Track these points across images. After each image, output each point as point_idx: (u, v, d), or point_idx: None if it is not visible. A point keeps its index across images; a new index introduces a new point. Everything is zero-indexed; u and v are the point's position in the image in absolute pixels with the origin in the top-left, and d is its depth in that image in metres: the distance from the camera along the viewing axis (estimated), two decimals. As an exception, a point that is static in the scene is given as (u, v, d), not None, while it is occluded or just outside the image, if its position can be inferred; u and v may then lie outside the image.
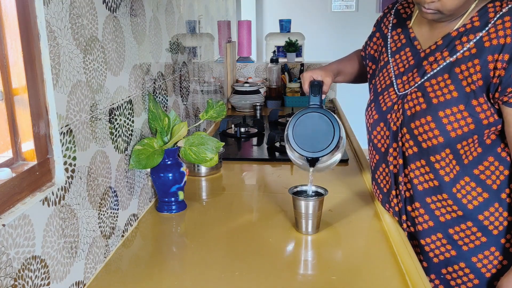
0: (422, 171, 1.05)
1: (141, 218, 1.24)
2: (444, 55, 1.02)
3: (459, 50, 1.00)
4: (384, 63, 1.19)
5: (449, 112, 0.98)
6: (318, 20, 4.52)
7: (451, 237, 1.07)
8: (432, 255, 1.10)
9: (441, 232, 1.07)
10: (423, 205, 1.08)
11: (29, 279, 0.73)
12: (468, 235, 1.05)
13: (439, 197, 1.05)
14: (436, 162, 1.03)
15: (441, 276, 1.10)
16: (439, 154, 1.01)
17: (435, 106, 1.00)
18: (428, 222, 1.08)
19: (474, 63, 0.97)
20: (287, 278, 0.97)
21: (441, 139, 1.00)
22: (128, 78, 1.13)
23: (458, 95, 0.98)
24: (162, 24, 1.40)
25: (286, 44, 3.13)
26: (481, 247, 1.05)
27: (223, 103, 1.36)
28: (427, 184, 1.06)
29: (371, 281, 0.96)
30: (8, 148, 0.77)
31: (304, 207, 1.12)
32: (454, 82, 0.99)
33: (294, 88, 2.78)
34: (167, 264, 1.02)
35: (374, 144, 1.17)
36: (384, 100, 1.13)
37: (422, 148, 1.03)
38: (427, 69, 1.05)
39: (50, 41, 0.77)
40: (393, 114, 1.09)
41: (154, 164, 1.17)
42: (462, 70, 0.98)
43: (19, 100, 0.75)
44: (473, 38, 0.98)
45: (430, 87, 1.03)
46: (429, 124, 1.01)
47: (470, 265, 1.07)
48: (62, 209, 0.83)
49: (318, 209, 1.13)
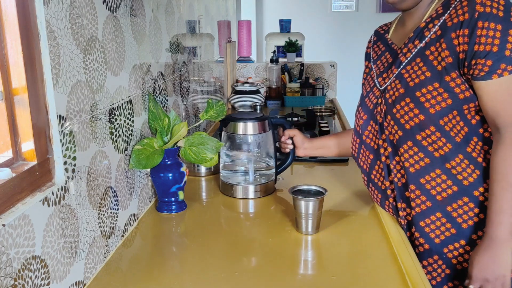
0: (410, 152, 1.09)
1: (141, 218, 1.24)
2: (415, 43, 1.10)
3: (427, 35, 1.08)
4: (368, 70, 1.28)
5: (425, 91, 1.05)
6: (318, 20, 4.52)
7: (450, 215, 1.08)
8: (433, 236, 1.11)
9: (439, 211, 1.09)
10: (418, 187, 1.10)
11: (29, 279, 0.73)
12: (466, 211, 1.07)
13: (432, 174, 1.08)
14: (423, 140, 1.07)
15: (443, 256, 1.11)
16: (424, 132, 1.06)
17: (412, 88, 1.07)
18: (426, 202, 1.10)
19: (440, 42, 1.04)
20: (287, 278, 0.97)
21: (421, 116, 1.05)
22: (128, 78, 1.13)
23: (431, 74, 1.05)
24: (162, 24, 1.40)
25: (286, 44, 3.13)
26: (480, 224, 1.06)
27: (223, 103, 1.36)
28: (418, 165, 1.09)
29: (371, 281, 0.96)
30: (8, 148, 0.77)
31: (304, 207, 1.12)
32: (426, 63, 1.06)
33: (294, 88, 2.78)
34: (167, 264, 1.02)
35: (367, 144, 1.22)
36: (370, 99, 1.20)
37: (406, 129, 1.08)
38: (402, 59, 1.12)
39: (50, 41, 0.77)
40: (378, 107, 1.16)
41: (154, 164, 1.17)
42: (432, 51, 1.06)
43: (19, 100, 0.75)
44: (437, 22, 1.06)
45: (406, 73, 1.10)
46: (408, 105, 1.07)
47: (471, 242, 1.07)
48: (62, 209, 0.83)
49: (318, 209, 1.13)
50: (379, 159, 1.19)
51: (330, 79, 3.00)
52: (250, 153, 1.43)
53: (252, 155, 1.43)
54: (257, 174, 1.42)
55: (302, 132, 2.04)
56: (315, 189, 1.18)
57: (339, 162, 1.69)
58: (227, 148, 1.41)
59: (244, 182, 1.40)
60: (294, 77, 2.91)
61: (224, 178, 1.42)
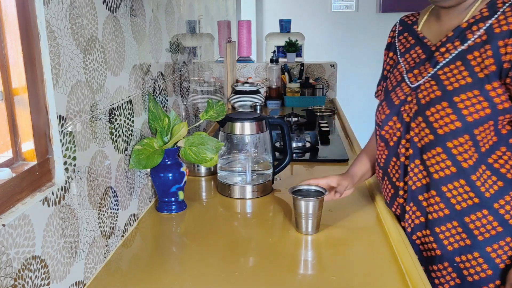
0: (438, 159, 1.06)
1: (141, 218, 1.24)
2: (456, 44, 1.05)
3: (470, 38, 1.03)
4: (394, 63, 1.23)
5: (465, 97, 1.01)
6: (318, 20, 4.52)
7: (467, 226, 1.06)
8: (446, 243, 1.09)
9: (456, 220, 1.07)
10: (439, 194, 1.07)
11: (29, 279, 0.73)
12: (484, 224, 1.05)
13: (455, 184, 1.05)
14: (454, 148, 1.03)
15: (454, 264, 1.10)
16: (457, 140, 1.02)
17: (450, 92, 1.03)
18: (444, 210, 1.08)
19: (485, 48, 1.00)
20: (287, 278, 0.97)
21: (458, 123, 1.01)
22: (128, 78, 1.13)
23: (472, 80, 1.01)
24: (162, 24, 1.40)
25: (286, 44, 3.13)
26: (496, 237, 1.05)
27: (223, 103, 1.36)
28: (443, 172, 1.06)
29: (371, 281, 0.96)
30: (8, 148, 0.77)
31: (304, 207, 1.12)
32: (468, 68, 1.02)
33: (294, 88, 2.78)
34: (167, 264, 1.02)
35: (385, 139, 1.18)
36: (397, 95, 1.15)
37: (438, 135, 1.04)
38: (439, 59, 1.07)
39: (50, 41, 0.77)
40: (407, 105, 1.12)
41: (154, 164, 1.17)
42: (475, 56, 1.02)
43: (19, 100, 0.75)
44: (483, 26, 1.02)
45: (443, 75, 1.05)
46: (445, 110, 1.03)
47: (484, 255, 1.06)
48: (62, 209, 0.83)
49: (318, 209, 1.13)
50: (396, 157, 1.15)
51: (330, 79, 3.00)
52: (248, 153, 1.43)
53: (250, 155, 1.43)
54: (255, 174, 1.42)
55: (302, 132, 2.05)
56: (315, 189, 1.17)
57: (339, 162, 1.69)
58: (225, 148, 1.41)
59: (242, 182, 1.40)
60: (294, 77, 2.91)
61: (222, 178, 1.42)
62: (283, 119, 1.72)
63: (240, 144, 1.42)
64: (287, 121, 1.92)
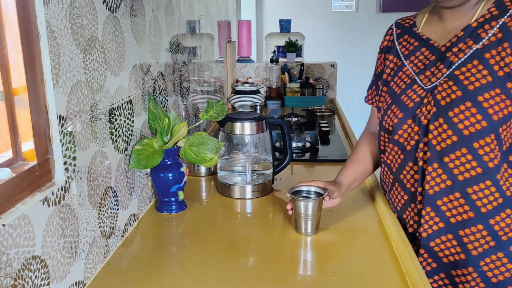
0: (463, 160, 1.03)
1: (141, 218, 1.24)
2: (469, 44, 1.04)
3: (484, 37, 1.02)
4: (397, 67, 1.19)
5: (488, 96, 1.00)
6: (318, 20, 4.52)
7: (492, 228, 1.04)
8: (471, 247, 1.06)
9: (481, 224, 1.05)
10: (464, 196, 1.05)
11: (29, 279, 0.73)
12: (508, 224, 1.04)
13: (481, 185, 1.03)
14: (480, 148, 1.02)
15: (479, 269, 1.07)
16: (484, 139, 1.01)
17: (472, 92, 1.01)
18: (469, 212, 1.05)
19: (504, 46, 1.00)
20: (287, 278, 0.97)
21: (484, 123, 1.00)
22: (128, 78, 1.13)
23: (492, 79, 1.00)
24: (162, 24, 1.40)
25: (286, 44, 3.13)
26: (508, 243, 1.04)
27: (223, 103, 1.36)
28: (469, 173, 1.03)
29: (371, 281, 0.96)
30: (8, 148, 0.77)
31: (304, 208, 1.12)
32: (486, 67, 1.01)
33: (294, 88, 2.78)
34: (167, 264, 1.02)
35: (400, 144, 1.14)
36: (410, 97, 1.12)
37: (463, 135, 1.02)
38: (452, 59, 1.06)
39: (50, 41, 0.77)
40: (423, 108, 1.08)
41: (154, 164, 1.17)
42: (492, 55, 1.01)
43: (19, 100, 0.75)
44: (495, 24, 1.02)
45: (461, 75, 1.04)
46: (470, 110, 1.01)
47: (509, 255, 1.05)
48: (62, 209, 0.83)
49: (318, 209, 1.13)
50: (412, 161, 1.11)
51: (330, 79, 3.00)
52: (248, 153, 1.43)
53: (250, 155, 1.43)
54: (255, 174, 1.42)
55: (302, 132, 2.05)
56: (314, 190, 1.17)
57: (339, 162, 1.69)
58: (225, 148, 1.41)
59: (242, 182, 1.40)
60: (294, 77, 2.91)
61: (222, 178, 1.42)
62: (283, 119, 1.72)
63: (240, 144, 1.42)
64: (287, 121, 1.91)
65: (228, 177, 1.42)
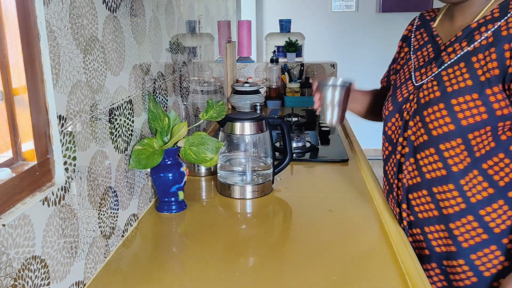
0: (430, 159, 1.06)
1: (141, 218, 1.24)
2: (463, 45, 1.03)
3: (477, 39, 1.01)
4: (405, 60, 1.22)
5: (462, 100, 0.99)
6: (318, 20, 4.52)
7: (452, 232, 1.06)
8: (435, 244, 1.10)
9: (444, 224, 1.07)
10: (430, 194, 1.07)
11: (29, 279, 0.73)
12: (468, 230, 1.04)
13: (444, 187, 1.05)
14: (446, 151, 1.03)
15: (442, 267, 1.10)
16: (449, 143, 1.02)
17: (449, 94, 1.01)
18: (434, 211, 1.07)
19: (490, 51, 0.97)
20: (287, 278, 0.97)
21: (451, 126, 1.00)
22: (128, 78, 1.13)
23: (472, 83, 0.99)
24: (162, 24, 1.40)
25: (286, 44, 3.13)
26: (481, 245, 1.04)
27: (223, 103, 1.36)
28: (435, 173, 1.05)
29: (371, 281, 0.96)
30: (8, 148, 0.77)
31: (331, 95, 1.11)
32: (470, 70, 1.00)
33: (294, 88, 2.78)
34: (167, 264, 1.02)
35: (388, 136, 1.19)
36: (401, 92, 1.15)
37: (432, 136, 1.04)
38: (444, 59, 1.06)
39: (50, 41, 0.77)
40: (408, 104, 1.12)
41: (154, 164, 1.17)
42: (479, 59, 0.99)
43: (19, 100, 0.75)
44: (491, 27, 0.99)
45: (446, 76, 1.04)
46: (441, 112, 1.02)
47: (469, 262, 1.06)
48: (62, 209, 0.83)
49: (345, 97, 1.12)
50: (394, 154, 1.16)
51: (330, 79, 2.99)
52: (248, 153, 1.43)
53: (250, 155, 1.43)
54: (255, 174, 1.42)
55: (302, 132, 2.05)
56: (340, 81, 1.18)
57: (339, 162, 1.69)
58: (224, 148, 1.41)
59: (242, 182, 1.40)
60: (294, 77, 2.91)
61: (222, 178, 1.42)
62: (283, 119, 1.72)
63: (240, 144, 1.42)
64: (287, 121, 1.91)
65: (228, 177, 1.42)
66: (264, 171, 1.43)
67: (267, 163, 1.43)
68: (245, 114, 1.44)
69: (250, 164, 1.43)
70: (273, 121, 1.44)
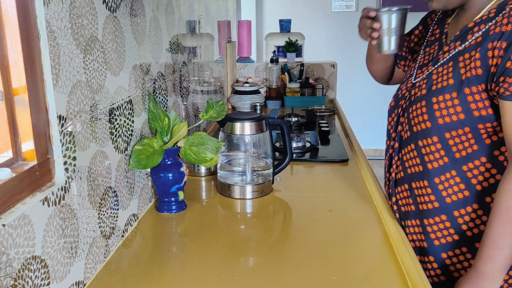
0: (411, 155, 1.09)
1: (141, 218, 1.24)
2: (456, 44, 1.04)
3: (469, 39, 1.01)
4: (417, 54, 1.24)
5: (441, 99, 1.00)
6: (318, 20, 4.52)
7: (425, 228, 1.08)
8: (410, 238, 1.14)
9: (418, 219, 1.09)
10: (410, 189, 1.11)
11: (29, 279, 0.73)
12: (440, 229, 1.05)
13: (421, 183, 1.07)
14: (423, 147, 1.05)
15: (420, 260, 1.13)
16: (426, 140, 1.04)
17: (432, 92, 1.04)
18: (411, 206, 1.11)
19: (476, 51, 0.97)
20: (287, 278, 0.97)
21: (428, 124, 1.02)
22: (128, 78, 1.13)
23: (453, 82, 0.99)
24: (162, 24, 1.40)
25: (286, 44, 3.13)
26: (452, 245, 1.05)
27: (223, 103, 1.36)
28: (414, 169, 1.09)
29: (371, 281, 0.96)
30: (8, 148, 0.77)
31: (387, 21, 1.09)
32: (455, 70, 1.01)
33: (294, 88, 2.78)
34: (167, 264, 1.02)
35: (388, 130, 1.23)
36: (401, 88, 1.19)
37: (413, 132, 1.08)
38: (440, 58, 1.08)
39: (50, 41, 0.77)
40: (403, 100, 1.16)
41: (154, 164, 1.17)
42: (464, 58, 0.99)
43: (19, 100, 0.75)
44: (483, 28, 0.98)
45: (435, 75, 1.06)
46: (421, 109, 1.05)
47: (439, 261, 1.07)
48: (62, 209, 0.83)
49: (401, 23, 1.10)
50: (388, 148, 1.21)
51: (330, 79, 3.00)
52: (247, 153, 1.43)
53: (249, 155, 1.43)
54: (255, 174, 1.42)
55: (302, 132, 2.05)
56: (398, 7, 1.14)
57: (339, 162, 1.69)
58: (224, 148, 1.41)
59: (242, 182, 1.40)
60: (294, 77, 2.91)
61: (222, 178, 1.42)
62: (283, 119, 1.72)
63: (240, 144, 1.42)
64: (287, 121, 1.91)
65: (228, 177, 1.42)
66: (264, 171, 1.43)
67: (267, 163, 1.43)
68: (245, 114, 1.44)
69: (250, 164, 1.43)
70: (273, 121, 1.44)
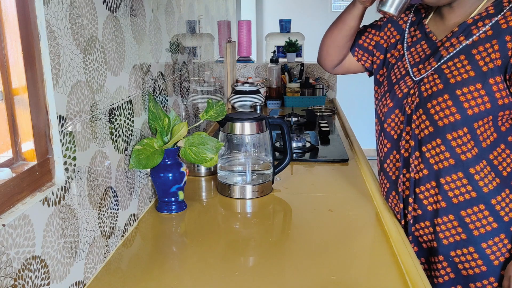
0: (437, 150, 1.07)
1: (141, 218, 1.24)
2: (460, 39, 1.07)
3: (475, 33, 1.05)
4: (399, 56, 1.24)
5: (466, 91, 1.02)
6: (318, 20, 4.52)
7: (463, 220, 1.08)
8: (442, 236, 1.11)
9: (453, 214, 1.08)
10: (438, 185, 1.09)
11: (29, 279, 0.73)
12: (479, 218, 1.06)
13: (453, 176, 1.06)
14: (453, 140, 1.05)
15: (449, 259, 1.11)
16: (456, 132, 1.04)
17: (453, 85, 1.04)
18: (441, 202, 1.09)
19: (492, 43, 1.01)
20: (287, 278, 0.97)
21: (458, 116, 1.03)
22: (128, 78, 1.13)
23: (475, 74, 1.02)
24: (162, 24, 1.40)
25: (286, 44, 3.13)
26: (492, 233, 1.06)
27: (223, 103, 1.36)
28: (442, 164, 1.07)
29: (371, 281, 0.96)
30: (8, 148, 0.77)
31: None
32: (471, 62, 1.03)
33: (294, 88, 2.78)
34: (167, 264, 1.02)
35: (387, 133, 1.20)
36: (400, 88, 1.17)
37: (438, 126, 1.06)
38: (443, 53, 1.09)
39: (50, 41, 0.77)
40: (409, 98, 1.13)
41: (154, 164, 1.17)
42: (479, 51, 1.03)
43: (19, 100, 0.75)
44: (488, 22, 1.04)
45: (447, 69, 1.07)
46: (446, 102, 1.04)
47: (479, 250, 1.07)
48: (62, 209, 0.83)
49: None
50: (396, 149, 1.18)
51: (330, 79, 3.00)
52: (248, 153, 1.43)
53: (250, 155, 1.43)
54: (255, 174, 1.42)
55: (302, 132, 2.05)
56: None
57: (339, 162, 1.69)
58: (225, 148, 1.41)
59: (242, 182, 1.40)
60: (294, 77, 2.91)
61: (222, 178, 1.42)
62: (283, 119, 1.72)
63: (240, 144, 1.42)
64: (287, 121, 1.92)
65: (228, 177, 1.43)
66: (264, 171, 1.43)
67: (267, 163, 1.43)
68: (245, 114, 1.44)
69: (250, 164, 1.43)
70: (273, 121, 1.44)
